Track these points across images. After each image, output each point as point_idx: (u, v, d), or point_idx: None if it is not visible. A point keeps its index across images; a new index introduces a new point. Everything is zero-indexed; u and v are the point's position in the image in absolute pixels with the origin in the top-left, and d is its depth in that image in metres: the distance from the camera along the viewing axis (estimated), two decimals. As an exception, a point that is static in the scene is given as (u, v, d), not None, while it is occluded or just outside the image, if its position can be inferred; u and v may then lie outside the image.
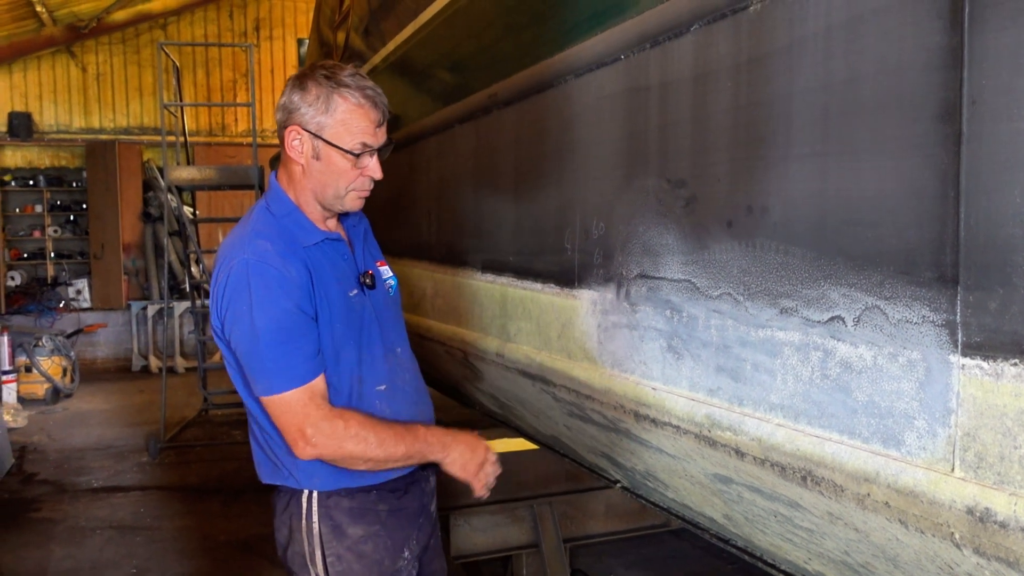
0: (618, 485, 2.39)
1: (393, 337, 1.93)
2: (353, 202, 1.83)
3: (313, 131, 1.76)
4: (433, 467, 1.97)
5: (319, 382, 1.73)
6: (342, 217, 1.93)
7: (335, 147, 1.76)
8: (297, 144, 1.79)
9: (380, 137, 1.80)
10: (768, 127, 1.33)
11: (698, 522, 2.03)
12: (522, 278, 2.26)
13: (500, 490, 2.15)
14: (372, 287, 1.89)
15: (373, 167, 1.80)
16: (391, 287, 2.00)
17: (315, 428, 1.69)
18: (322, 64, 1.80)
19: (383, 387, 1.85)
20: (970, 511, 1.01)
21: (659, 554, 4.29)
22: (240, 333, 1.72)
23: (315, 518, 1.82)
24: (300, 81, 1.79)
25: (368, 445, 1.72)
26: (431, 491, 2.02)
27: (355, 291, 1.84)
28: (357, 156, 1.76)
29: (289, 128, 1.78)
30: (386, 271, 2.01)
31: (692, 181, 1.52)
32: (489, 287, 2.49)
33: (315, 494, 1.82)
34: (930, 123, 1.05)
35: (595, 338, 1.88)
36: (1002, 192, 0.96)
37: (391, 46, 3.40)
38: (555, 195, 2.06)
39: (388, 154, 1.84)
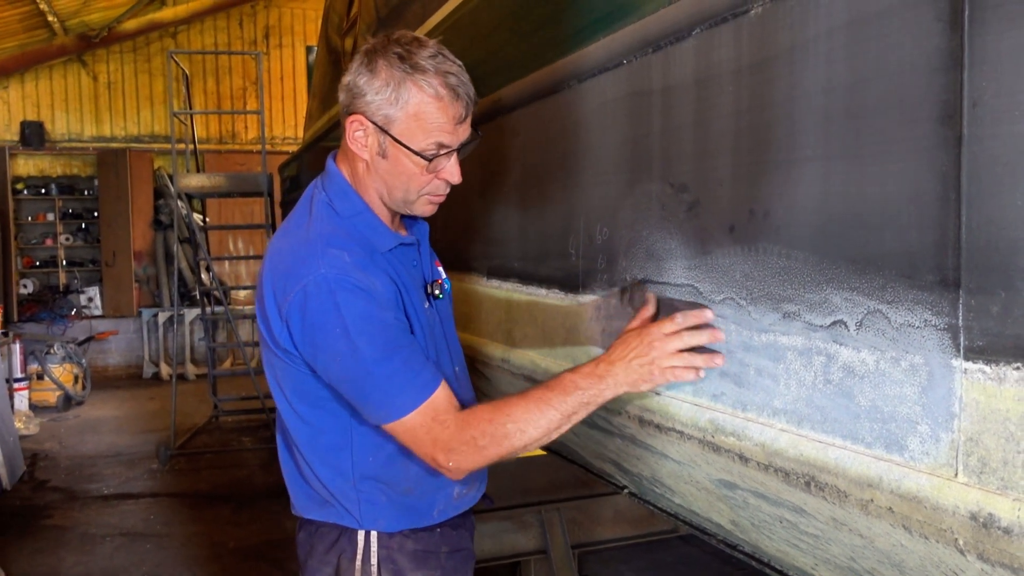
0: (625, 491, 2.38)
1: (455, 352, 1.74)
2: (424, 207, 1.59)
3: (379, 124, 1.49)
4: (484, 498, 1.82)
5: (440, 393, 1.48)
6: (403, 219, 1.70)
7: (404, 147, 1.49)
8: (360, 136, 1.52)
9: (460, 134, 1.52)
10: (769, 131, 1.32)
11: (705, 527, 2.02)
12: (527, 283, 2.26)
13: (507, 496, 2.16)
14: (439, 297, 1.68)
15: (450, 170, 1.54)
16: (447, 291, 1.77)
17: (447, 452, 1.46)
18: (399, 37, 1.51)
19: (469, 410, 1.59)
20: (974, 517, 1.00)
21: (668, 559, 4.27)
22: (339, 362, 1.47)
23: (374, 561, 1.62)
24: (370, 59, 1.50)
25: (514, 439, 1.44)
26: (472, 523, 1.85)
27: (428, 304, 1.64)
28: (429, 160, 1.50)
29: (352, 117, 1.52)
30: (442, 271, 1.79)
31: (695, 185, 1.52)
32: (494, 292, 2.49)
33: (374, 534, 1.63)
34: (931, 125, 1.04)
35: (600, 343, 1.88)
36: (1003, 195, 0.96)
37: (397, 53, 3.40)
38: (559, 200, 2.06)
39: (471, 150, 1.59)
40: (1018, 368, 0.95)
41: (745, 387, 1.41)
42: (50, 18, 9.60)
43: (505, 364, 2.40)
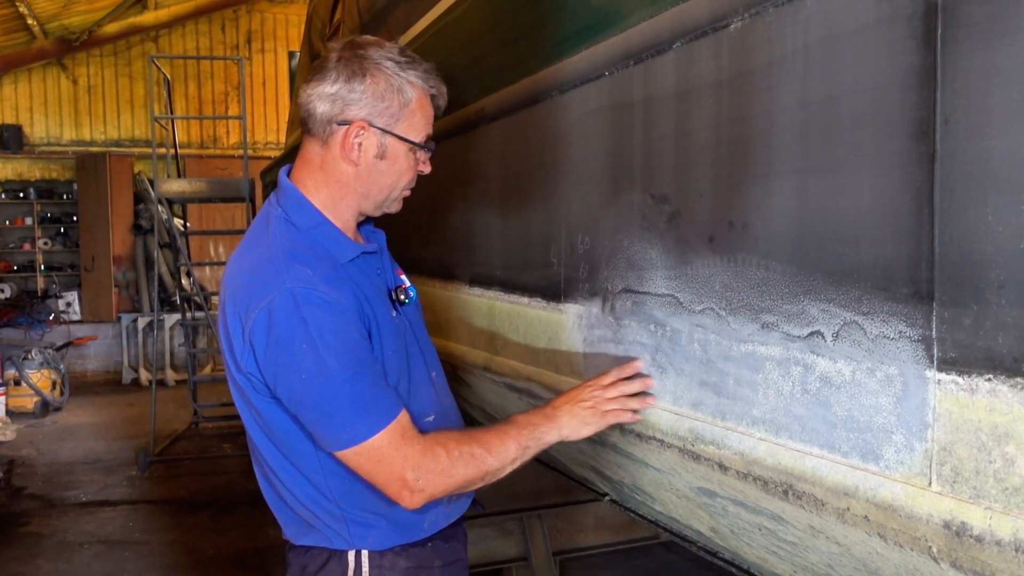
0: (607, 498, 2.39)
1: (430, 358, 1.71)
2: (399, 203, 1.65)
3: (382, 126, 1.53)
4: (473, 504, 1.80)
5: (404, 415, 1.47)
6: (361, 225, 1.70)
7: (408, 143, 1.56)
8: (358, 142, 1.53)
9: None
10: (748, 144, 1.34)
11: (686, 535, 2.03)
12: (509, 292, 2.27)
13: (489, 503, 2.16)
14: (404, 303, 1.67)
15: (427, 162, 1.64)
16: (414, 297, 1.76)
17: (416, 469, 1.43)
18: (370, 43, 1.55)
19: (431, 418, 1.61)
20: (947, 525, 1.02)
21: (649, 566, 4.29)
22: (304, 381, 1.42)
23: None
24: (360, 66, 1.51)
25: (479, 461, 1.47)
26: (464, 533, 1.82)
27: (394, 311, 1.62)
28: (431, 151, 1.60)
29: (353, 124, 1.52)
30: (405, 279, 1.77)
31: (675, 196, 1.54)
32: (477, 301, 2.50)
33: (365, 554, 1.58)
34: (905, 141, 1.06)
35: (581, 352, 1.89)
36: (975, 210, 0.98)
37: (380, 60, 3.41)
38: (541, 209, 2.07)
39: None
40: (989, 380, 0.97)
41: (724, 396, 1.43)
42: (30, 21, 9.53)
43: (487, 372, 2.41)
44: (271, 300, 1.42)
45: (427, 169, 1.64)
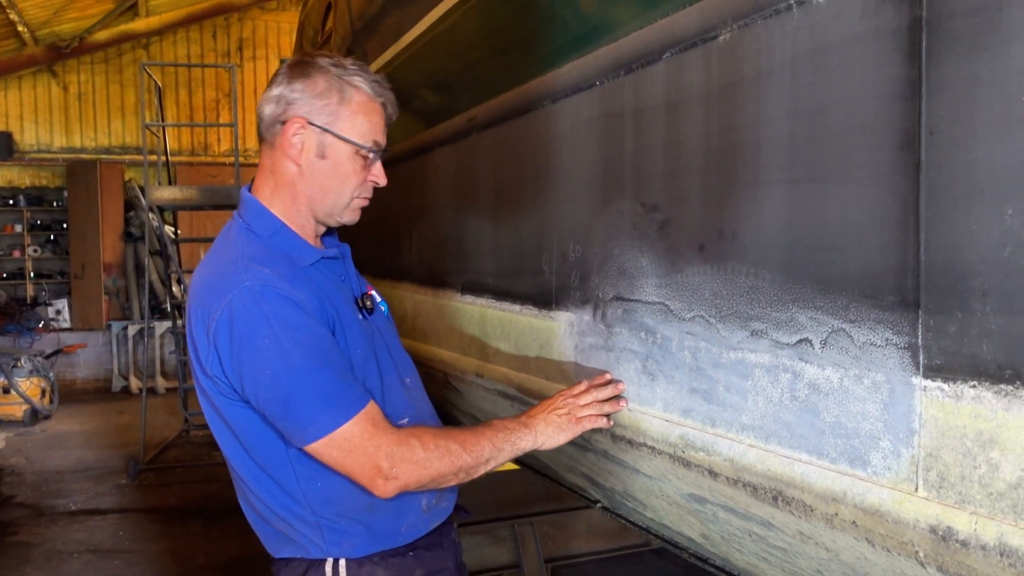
0: (598, 505, 2.40)
1: (403, 364, 1.72)
2: (353, 213, 1.63)
3: (321, 124, 1.54)
4: (457, 510, 1.79)
5: (374, 405, 1.48)
6: (324, 237, 1.70)
7: (348, 142, 1.55)
8: (298, 140, 1.54)
9: (385, 139, 1.62)
10: (737, 153, 1.36)
11: (677, 541, 2.04)
12: (501, 300, 2.28)
13: (481, 510, 2.17)
14: (371, 311, 1.67)
15: (379, 172, 1.61)
16: (384, 311, 1.78)
17: (390, 458, 1.44)
18: (320, 53, 1.60)
19: (405, 420, 1.59)
20: (933, 530, 1.03)
21: (641, 573, 4.29)
22: (270, 375, 1.42)
23: None
24: (302, 69, 1.56)
25: (454, 456, 1.48)
26: (457, 537, 1.79)
27: (362, 316, 1.63)
28: (367, 154, 1.57)
29: (290, 121, 1.54)
30: (376, 295, 1.78)
31: (665, 205, 1.55)
32: (469, 308, 2.51)
33: (342, 562, 1.57)
34: (891, 151, 1.08)
35: (572, 359, 1.90)
36: (959, 219, 0.99)
37: (373, 68, 3.42)
38: (533, 218, 2.09)
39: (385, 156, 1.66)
40: (974, 386, 0.99)
41: (714, 403, 1.44)
42: (20, 28, 9.51)
43: (479, 379, 2.42)
44: (231, 299, 1.44)
45: (381, 180, 1.62)
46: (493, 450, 1.54)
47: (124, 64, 11.31)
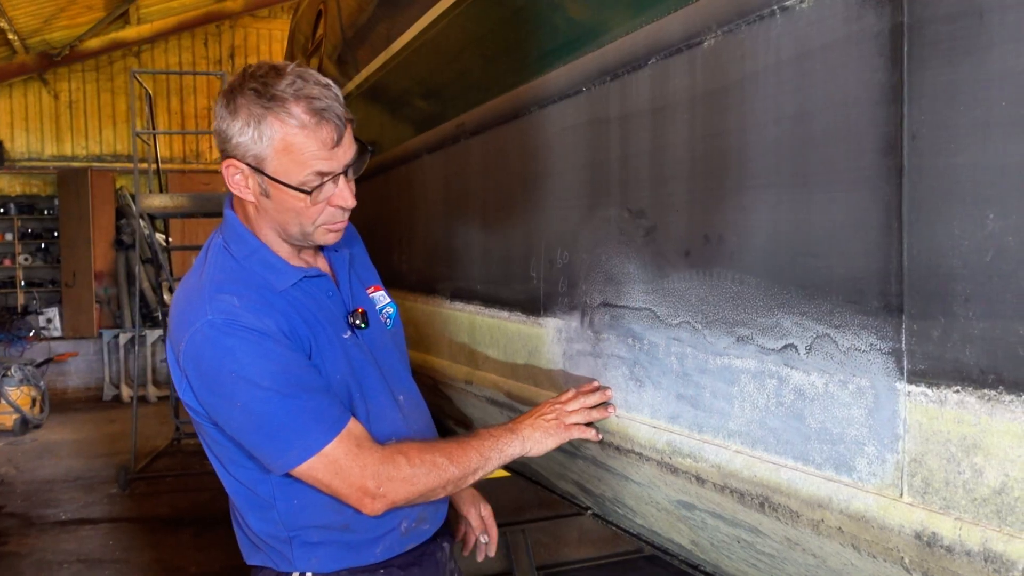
0: (589, 512, 2.39)
1: (396, 381, 1.65)
2: (324, 236, 1.51)
3: (252, 165, 1.41)
4: (447, 534, 1.76)
5: (355, 424, 1.45)
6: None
7: (281, 184, 1.41)
8: (239, 180, 1.45)
9: (341, 156, 1.43)
10: (722, 159, 1.36)
11: (667, 548, 2.04)
12: (489, 306, 2.27)
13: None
14: (365, 326, 1.60)
15: (340, 195, 1.45)
16: (389, 317, 1.71)
17: (377, 477, 1.42)
18: (255, 70, 1.42)
19: (394, 440, 1.55)
20: (918, 536, 1.03)
21: (633, 580, 4.28)
22: (237, 404, 1.40)
23: None
24: (228, 99, 1.41)
25: (441, 469, 1.47)
26: (447, 558, 1.76)
27: (348, 333, 1.56)
28: (311, 192, 1.42)
29: (225, 162, 1.44)
30: (381, 298, 1.72)
31: (651, 211, 1.55)
32: (458, 315, 2.50)
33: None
34: (874, 156, 1.08)
35: (561, 365, 1.90)
36: (942, 224, 0.99)
37: (364, 74, 3.43)
38: (521, 224, 2.08)
39: (363, 168, 1.50)
40: (957, 391, 0.99)
41: (701, 409, 1.44)
42: (10, 36, 9.48)
43: (469, 386, 2.41)
44: (193, 332, 1.41)
45: (346, 204, 1.47)
46: (480, 459, 1.53)
47: (115, 72, 11.30)
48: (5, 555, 5.08)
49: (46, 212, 11.18)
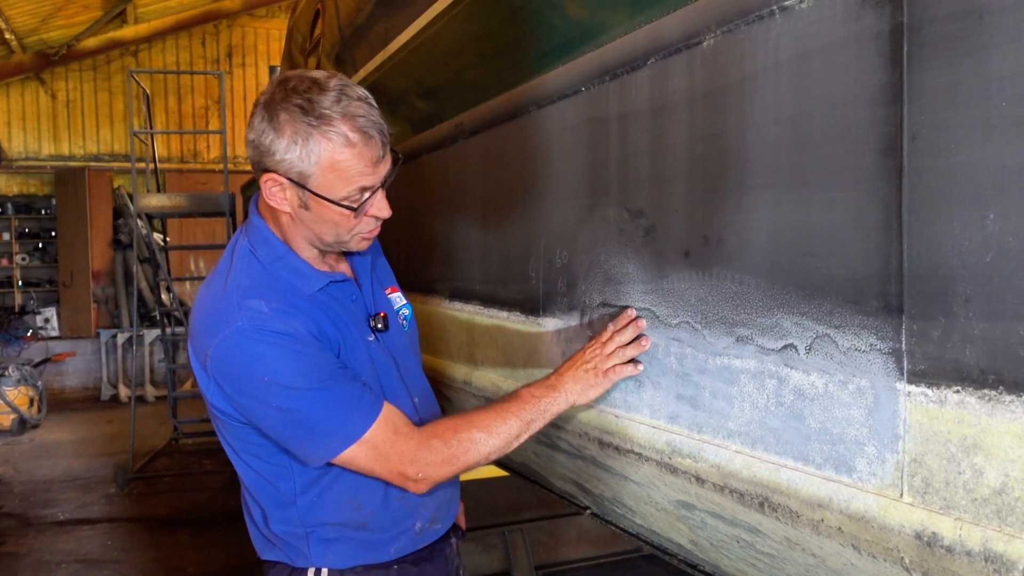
0: (588, 511, 2.39)
1: (412, 382, 1.68)
2: (359, 244, 1.55)
3: (295, 180, 1.43)
4: (455, 529, 1.79)
5: (390, 409, 1.48)
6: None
7: (325, 199, 1.43)
8: (278, 192, 1.46)
9: (382, 170, 1.46)
10: (721, 159, 1.36)
11: (666, 547, 2.04)
12: (488, 306, 2.27)
13: (471, 518, 2.17)
14: (386, 330, 1.63)
15: (378, 206, 1.49)
16: (405, 319, 1.74)
17: (415, 464, 1.46)
18: (296, 84, 1.42)
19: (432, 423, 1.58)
20: (918, 536, 1.03)
21: (632, 579, 4.28)
22: (276, 408, 1.43)
23: None
24: (271, 114, 1.41)
25: (480, 444, 1.48)
26: (455, 555, 1.79)
27: (371, 336, 1.59)
28: (355, 209, 1.45)
29: (265, 176, 1.45)
30: (398, 299, 1.75)
31: (651, 211, 1.55)
32: (456, 315, 2.50)
33: (324, 572, 1.59)
34: (873, 157, 1.08)
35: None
36: (941, 224, 0.99)
37: (362, 74, 3.42)
38: (520, 224, 2.08)
39: (394, 175, 1.53)
40: (957, 391, 0.99)
41: (701, 409, 1.44)
42: (7, 35, 9.47)
43: (467, 386, 2.41)
44: (222, 339, 1.43)
45: (382, 215, 1.51)
46: (522, 425, 1.52)
47: (112, 71, 11.29)
48: (3, 555, 5.08)
49: (43, 212, 11.17)
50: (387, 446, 1.45)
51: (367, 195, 1.46)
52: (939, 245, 1.00)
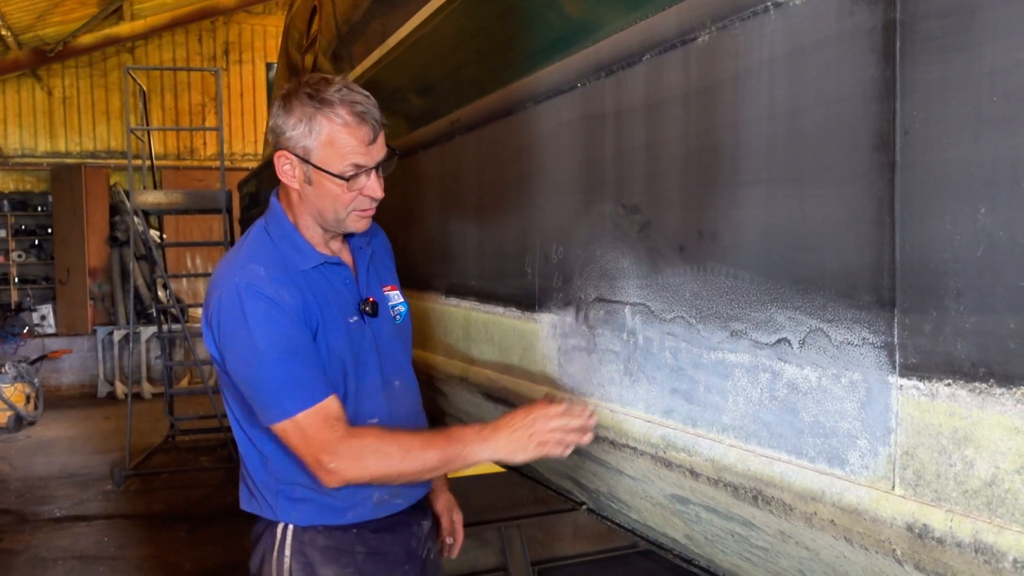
0: (584, 507, 2.40)
1: (392, 368, 1.83)
2: (355, 223, 1.75)
3: (301, 156, 1.68)
4: (427, 510, 1.93)
5: (332, 402, 1.63)
6: (349, 238, 1.86)
7: (324, 172, 1.67)
8: (288, 169, 1.71)
9: (375, 154, 1.69)
10: (716, 154, 1.36)
11: (661, 542, 2.05)
12: (485, 302, 2.28)
13: (467, 514, 2.17)
14: (374, 315, 1.80)
15: (371, 186, 1.70)
16: (399, 314, 1.91)
17: (332, 454, 1.59)
18: (308, 79, 1.69)
19: (375, 420, 1.75)
20: (910, 528, 1.03)
21: (628, 575, 4.29)
22: (240, 358, 1.65)
23: (287, 552, 1.75)
24: (285, 101, 1.69)
25: (392, 460, 1.61)
26: (424, 535, 1.92)
27: (355, 318, 1.77)
28: (348, 180, 1.67)
29: (278, 154, 1.71)
30: (395, 296, 1.93)
31: (646, 206, 1.56)
32: (453, 311, 2.51)
33: (290, 528, 1.75)
34: (866, 152, 1.08)
35: (555, 361, 1.91)
36: (934, 219, 1.00)
37: (359, 70, 3.42)
38: (516, 220, 2.09)
39: (392, 168, 1.76)
40: (949, 385, 0.99)
41: (695, 403, 1.44)
42: (3, 32, 9.45)
43: (463, 381, 2.42)
44: (221, 292, 1.66)
45: (374, 195, 1.71)
46: (439, 460, 1.63)
47: (109, 68, 11.26)
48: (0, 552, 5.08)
49: (40, 208, 11.15)
50: (313, 431, 1.60)
51: (360, 172, 1.68)
52: (931, 239, 1.00)
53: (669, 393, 1.51)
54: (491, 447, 1.63)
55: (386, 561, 1.80)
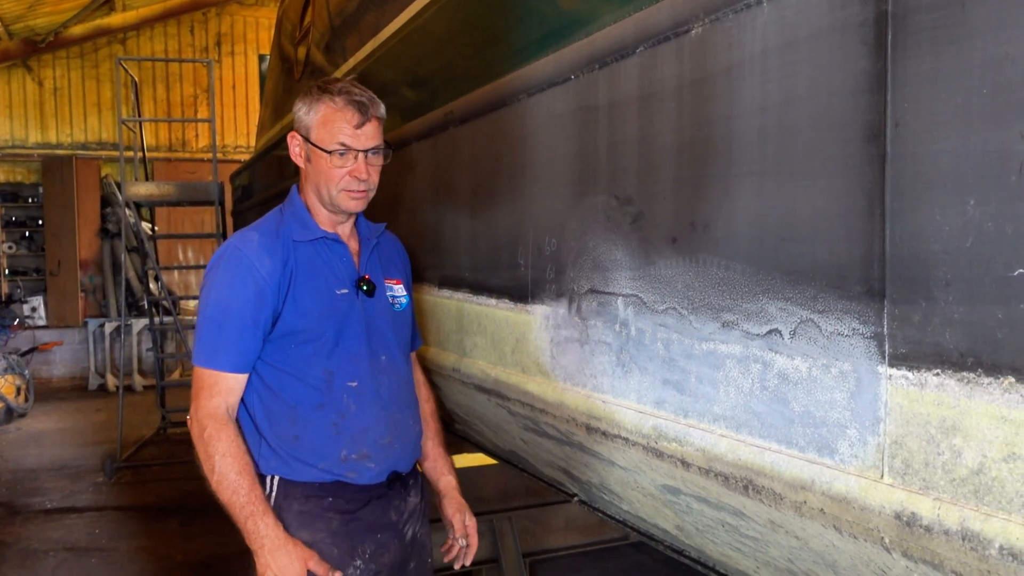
0: (575, 498, 2.41)
1: (380, 343, 1.96)
2: (346, 202, 1.90)
3: (304, 135, 1.91)
4: (417, 488, 2.02)
5: (233, 380, 1.84)
6: (360, 227, 2.02)
7: (317, 147, 1.87)
8: (297, 149, 1.94)
9: (364, 139, 1.87)
10: (708, 146, 1.37)
11: (653, 533, 2.06)
12: (478, 294, 2.28)
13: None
14: (369, 294, 1.95)
15: (358, 168, 1.87)
16: (400, 304, 2.06)
17: (194, 414, 1.83)
18: (326, 78, 1.94)
19: (354, 383, 1.89)
20: (898, 516, 1.05)
21: (619, 567, 4.31)
22: (201, 301, 1.89)
23: (272, 505, 1.87)
24: (304, 94, 1.93)
25: (206, 462, 1.81)
26: (407, 511, 1.99)
27: (345, 290, 1.92)
28: (330, 153, 1.85)
29: (290, 135, 1.94)
30: (398, 289, 2.06)
31: (639, 198, 1.56)
32: (446, 303, 2.51)
33: (276, 479, 1.88)
34: (857, 144, 1.09)
35: (548, 352, 1.91)
36: (923, 210, 1.01)
37: (352, 62, 3.42)
38: (509, 212, 2.09)
39: (388, 159, 1.94)
40: (937, 374, 1.00)
41: (686, 394, 1.45)
42: (-6, 22, 9.40)
43: (457, 373, 2.42)
44: (222, 249, 1.90)
45: (360, 175, 1.87)
46: (225, 503, 1.81)
47: (100, 59, 11.20)
48: (-10, 544, 5.07)
49: (30, 200, 11.09)
50: (199, 387, 1.83)
51: (347, 151, 1.85)
52: (921, 230, 1.01)
53: (661, 384, 1.52)
54: (256, 554, 1.78)
55: (359, 526, 1.90)
